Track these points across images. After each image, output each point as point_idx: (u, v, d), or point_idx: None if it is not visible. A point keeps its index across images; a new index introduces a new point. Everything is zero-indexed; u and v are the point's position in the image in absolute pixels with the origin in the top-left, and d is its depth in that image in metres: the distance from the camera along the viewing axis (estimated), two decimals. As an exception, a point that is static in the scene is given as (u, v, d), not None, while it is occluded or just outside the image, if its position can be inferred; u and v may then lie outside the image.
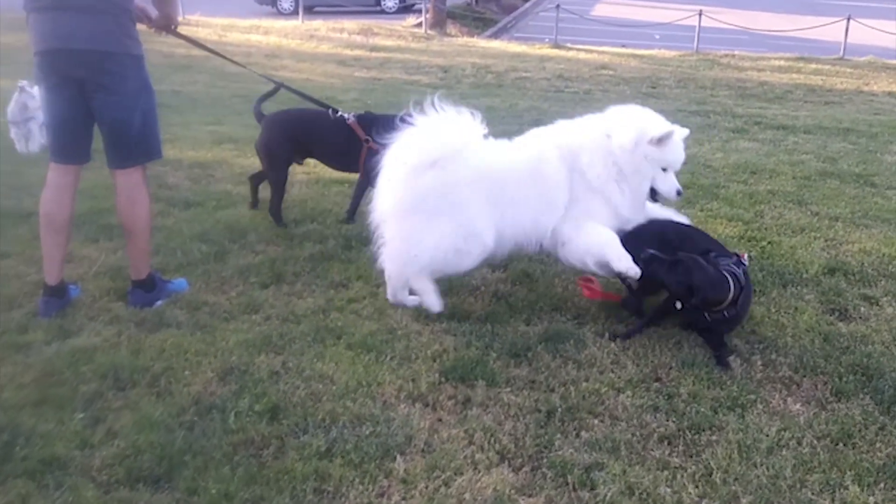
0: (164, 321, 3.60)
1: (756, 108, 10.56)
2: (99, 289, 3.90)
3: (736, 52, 16.93)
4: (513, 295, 4.02)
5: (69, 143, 3.63)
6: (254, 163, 5.59)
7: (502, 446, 2.80)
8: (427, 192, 3.62)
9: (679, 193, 3.91)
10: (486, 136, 3.75)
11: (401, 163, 3.62)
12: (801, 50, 17.03)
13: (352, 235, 4.69)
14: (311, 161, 5.28)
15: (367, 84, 11.84)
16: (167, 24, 3.87)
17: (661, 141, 3.75)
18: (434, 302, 3.76)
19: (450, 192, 3.64)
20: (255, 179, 5.17)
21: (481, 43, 18.14)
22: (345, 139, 4.88)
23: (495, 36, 20.18)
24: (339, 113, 4.90)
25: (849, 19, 17.08)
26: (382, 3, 24.44)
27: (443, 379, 3.21)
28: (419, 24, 19.34)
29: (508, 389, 3.16)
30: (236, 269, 4.21)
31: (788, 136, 8.43)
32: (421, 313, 3.76)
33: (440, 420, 2.95)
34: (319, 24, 18.72)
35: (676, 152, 3.85)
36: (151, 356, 3.29)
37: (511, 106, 10.09)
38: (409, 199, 3.64)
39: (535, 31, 20.69)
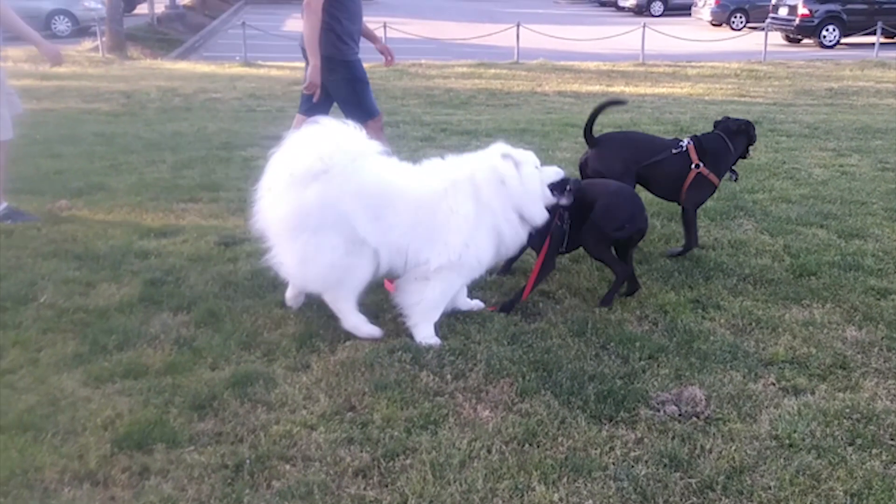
0: None
1: (443, 115, 11.00)
2: None
3: (423, 61, 17.62)
4: (197, 339, 3.74)
5: None
6: None
7: (184, 516, 2.55)
8: (311, 207, 3.54)
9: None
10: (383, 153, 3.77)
11: (284, 174, 3.57)
12: (482, 56, 18.12)
13: (9, 295, 4.14)
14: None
15: (38, 116, 10.75)
16: None
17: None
18: (355, 324, 3.79)
19: (333, 204, 3.56)
20: None
21: (167, 65, 17.29)
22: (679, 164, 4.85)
23: (182, 56, 19.37)
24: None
25: (518, 25, 18.45)
26: (53, 27, 22.49)
27: (116, 449, 2.87)
28: (96, 48, 18.03)
29: (192, 448, 2.90)
30: None
31: (472, 140, 8.84)
32: (91, 375, 3.38)
33: (112, 499, 2.64)
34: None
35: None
36: None
37: (200, 129, 9.66)
38: (295, 216, 3.58)
39: (225, 50, 20.15)
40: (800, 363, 3.61)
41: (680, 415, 3.17)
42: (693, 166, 4.82)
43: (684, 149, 4.86)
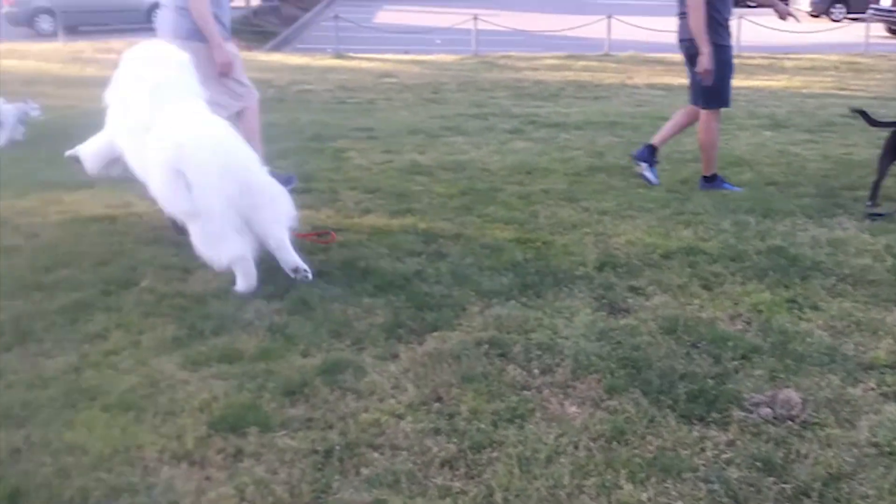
0: None
1: (531, 108, 10.93)
2: None
3: (512, 53, 17.54)
4: (289, 326, 3.82)
5: None
6: None
7: (276, 498, 2.61)
8: None
9: None
10: None
11: None
12: (571, 48, 17.92)
13: (112, 279, 4.32)
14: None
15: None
16: None
17: None
18: None
19: None
20: None
21: (261, 57, 17.64)
22: None
23: (276, 49, 19.77)
24: None
25: (609, 17, 18.19)
26: (153, 19, 23.25)
27: (211, 431, 2.96)
28: (194, 41, 18.55)
29: (283, 433, 2.97)
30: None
31: (560, 133, 8.77)
32: (188, 358, 3.50)
33: (208, 479, 2.72)
34: (84, 46, 17.47)
35: None
36: None
37: (293, 121, 9.85)
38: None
39: (318, 42, 20.50)
40: (902, 369, 3.47)
41: (774, 417, 3.08)
42: None
43: None
